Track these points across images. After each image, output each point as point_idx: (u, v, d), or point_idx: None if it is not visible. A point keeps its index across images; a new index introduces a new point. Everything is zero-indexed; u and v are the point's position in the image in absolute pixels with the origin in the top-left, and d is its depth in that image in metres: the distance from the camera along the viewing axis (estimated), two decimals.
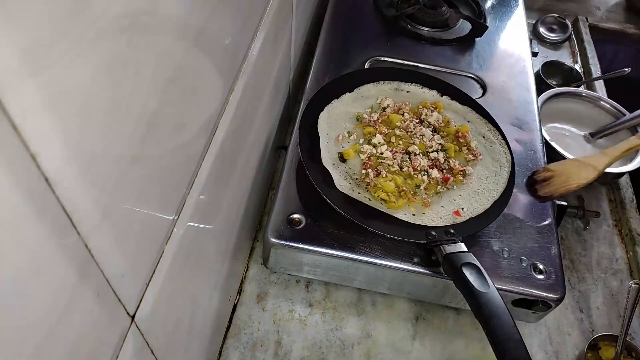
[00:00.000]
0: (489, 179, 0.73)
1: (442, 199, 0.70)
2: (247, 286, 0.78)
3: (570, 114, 1.00)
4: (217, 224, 0.56)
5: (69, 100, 0.24)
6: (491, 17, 1.06)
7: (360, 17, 1.01)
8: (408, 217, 0.66)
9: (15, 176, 0.21)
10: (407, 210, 0.67)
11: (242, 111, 0.57)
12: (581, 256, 0.88)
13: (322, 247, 0.65)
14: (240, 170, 0.62)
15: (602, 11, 1.39)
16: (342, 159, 0.71)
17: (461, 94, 0.83)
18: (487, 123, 0.79)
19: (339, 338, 0.74)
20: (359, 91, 0.81)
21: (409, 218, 0.66)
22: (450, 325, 0.76)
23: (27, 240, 0.23)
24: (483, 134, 0.78)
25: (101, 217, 0.29)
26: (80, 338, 0.30)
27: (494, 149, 0.76)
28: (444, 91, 0.83)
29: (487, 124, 0.79)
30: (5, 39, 0.19)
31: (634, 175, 0.97)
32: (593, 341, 0.73)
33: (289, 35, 0.79)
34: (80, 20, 0.24)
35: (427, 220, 0.66)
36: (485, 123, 0.79)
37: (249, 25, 0.55)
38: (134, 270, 0.36)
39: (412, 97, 0.82)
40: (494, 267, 0.66)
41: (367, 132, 0.75)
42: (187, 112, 0.40)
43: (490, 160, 0.75)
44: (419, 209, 0.68)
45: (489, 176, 0.73)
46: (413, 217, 0.66)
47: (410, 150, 0.72)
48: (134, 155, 0.32)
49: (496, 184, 0.72)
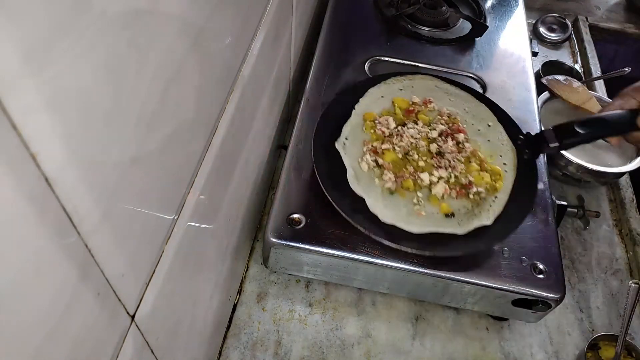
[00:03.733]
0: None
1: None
2: (247, 286, 0.78)
3: (570, 114, 1.00)
4: (217, 223, 0.56)
5: (69, 100, 0.24)
6: (491, 16, 1.06)
7: (360, 17, 1.01)
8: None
9: (15, 176, 0.21)
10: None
11: (242, 111, 0.57)
12: (581, 256, 0.88)
13: (322, 247, 0.65)
14: (240, 170, 0.62)
15: (602, 11, 1.39)
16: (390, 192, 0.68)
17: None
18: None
19: (339, 338, 0.74)
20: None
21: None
22: (450, 325, 0.76)
23: (27, 240, 0.23)
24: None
25: (101, 217, 0.29)
26: (81, 338, 0.30)
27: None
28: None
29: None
30: (6, 38, 0.19)
31: (634, 175, 0.97)
32: (593, 341, 0.73)
33: (289, 35, 0.79)
34: (80, 19, 0.24)
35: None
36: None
37: (249, 25, 0.55)
38: (134, 270, 0.36)
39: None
40: (494, 267, 0.66)
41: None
42: (187, 112, 0.40)
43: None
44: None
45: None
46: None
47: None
48: (134, 155, 0.32)
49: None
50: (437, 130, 0.74)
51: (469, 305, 0.70)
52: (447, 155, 0.71)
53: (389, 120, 0.73)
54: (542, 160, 0.80)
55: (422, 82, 0.82)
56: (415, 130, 0.73)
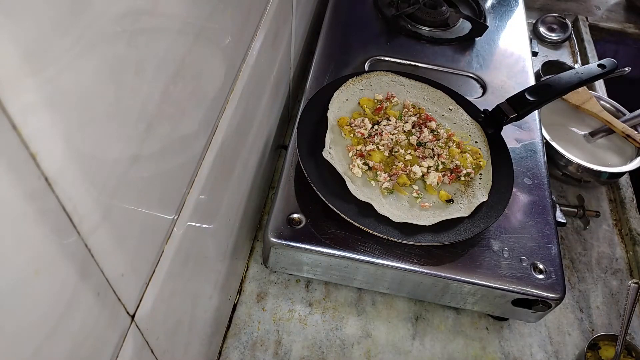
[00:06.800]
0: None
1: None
2: (247, 286, 0.78)
3: (570, 114, 1.00)
4: (217, 223, 0.56)
5: (69, 100, 0.24)
6: (491, 16, 1.06)
7: (360, 16, 1.01)
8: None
9: (15, 176, 0.21)
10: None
11: (242, 111, 0.57)
12: (581, 256, 0.88)
13: (322, 247, 0.65)
14: (240, 170, 0.62)
15: (602, 10, 1.39)
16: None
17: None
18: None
19: (339, 338, 0.74)
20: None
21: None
22: (450, 325, 0.76)
23: (27, 240, 0.23)
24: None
25: (101, 217, 0.29)
26: (80, 338, 0.30)
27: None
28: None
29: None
30: (6, 37, 0.19)
31: (634, 175, 0.97)
32: (593, 341, 0.73)
33: (289, 35, 0.79)
34: (80, 19, 0.24)
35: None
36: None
37: (249, 25, 0.55)
38: (134, 269, 0.36)
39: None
40: (494, 267, 0.66)
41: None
42: (187, 111, 0.40)
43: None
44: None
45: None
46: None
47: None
48: (134, 155, 0.32)
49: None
50: (410, 122, 0.76)
51: (469, 305, 0.70)
52: (428, 145, 0.74)
53: (365, 122, 0.74)
54: (543, 160, 0.80)
55: (378, 79, 0.83)
56: (391, 126, 0.74)
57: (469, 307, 0.71)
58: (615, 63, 0.78)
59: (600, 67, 0.78)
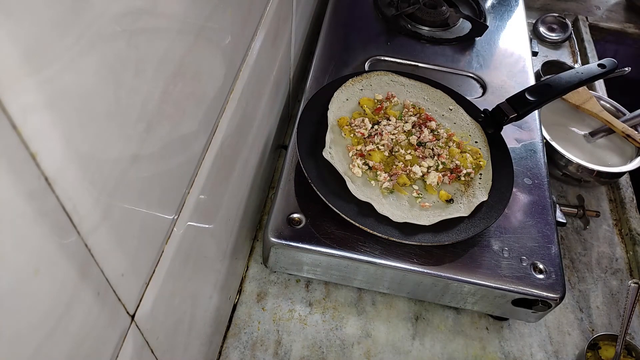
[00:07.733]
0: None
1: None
2: (247, 286, 0.78)
3: (570, 114, 1.00)
4: (217, 223, 0.56)
5: (69, 100, 0.24)
6: (491, 16, 1.06)
7: (360, 16, 1.01)
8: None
9: (15, 176, 0.21)
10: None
11: (242, 111, 0.57)
12: (581, 256, 0.88)
13: (322, 247, 0.65)
14: (240, 170, 0.62)
15: (602, 10, 1.39)
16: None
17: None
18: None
19: (339, 337, 0.74)
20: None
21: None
22: (450, 325, 0.76)
23: (27, 240, 0.23)
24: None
25: (101, 217, 0.29)
26: (81, 337, 0.30)
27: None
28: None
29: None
30: (6, 37, 0.19)
31: (634, 175, 0.97)
32: (593, 341, 0.73)
33: (289, 35, 0.79)
34: (80, 19, 0.24)
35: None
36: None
37: (249, 25, 0.54)
38: (134, 269, 0.36)
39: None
40: (494, 267, 0.66)
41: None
42: (187, 111, 0.40)
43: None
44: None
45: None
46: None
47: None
48: (134, 155, 0.32)
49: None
50: (410, 122, 0.76)
51: (469, 305, 0.70)
52: (428, 145, 0.74)
53: (365, 122, 0.74)
54: (543, 160, 0.79)
55: (378, 79, 0.83)
56: (391, 126, 0.74)
57: (469, 307, 0.71)
58: (615, 63, 0.78)
59: (600, 67, 0.78)
